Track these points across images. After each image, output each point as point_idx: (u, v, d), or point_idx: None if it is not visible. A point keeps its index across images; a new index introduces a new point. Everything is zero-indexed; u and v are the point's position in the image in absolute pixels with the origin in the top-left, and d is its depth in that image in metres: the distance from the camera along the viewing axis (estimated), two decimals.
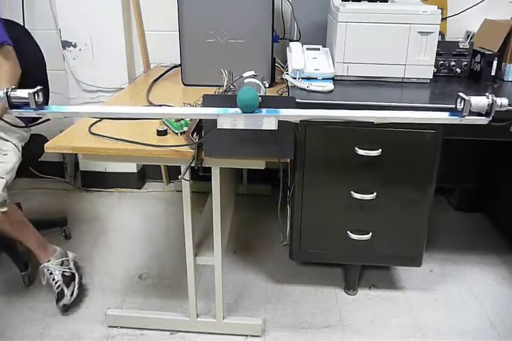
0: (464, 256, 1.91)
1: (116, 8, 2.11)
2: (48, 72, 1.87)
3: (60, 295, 1.57)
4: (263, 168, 1.22)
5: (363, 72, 1.53)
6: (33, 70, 1.67)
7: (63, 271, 1.62)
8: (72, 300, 1.58)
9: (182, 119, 1.29)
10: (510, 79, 1.58)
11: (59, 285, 1.58)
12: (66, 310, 1.57)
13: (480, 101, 0.93)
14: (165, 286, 1.72)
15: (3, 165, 1.51)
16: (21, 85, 0.97)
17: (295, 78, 1.46)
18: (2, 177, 1.47)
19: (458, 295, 1.69)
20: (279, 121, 1.01)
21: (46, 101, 1.54)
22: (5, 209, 1.46)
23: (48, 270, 1.60)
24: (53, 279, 1.59)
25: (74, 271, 1.64)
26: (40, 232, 1.67)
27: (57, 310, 1.58)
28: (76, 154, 2.41)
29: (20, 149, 1.62)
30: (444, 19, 1.89)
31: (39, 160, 1.79)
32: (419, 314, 1.60)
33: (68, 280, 1.61)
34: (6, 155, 1.54)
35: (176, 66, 2.07)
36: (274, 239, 1.99)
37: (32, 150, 1.68)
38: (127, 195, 2.44)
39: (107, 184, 2.46)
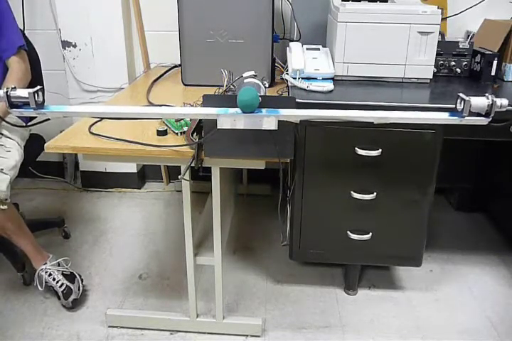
0: (464, 256, 1.91)
1: (116, 8, 2.11)
2: (47, 72, 1.87)
3: (68, 291, 1.57)
4: (263, 168, 1.22)
5: (363, 72, 1.53)
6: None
7: (63, 271, 1.62)
8: (80, 294, 1.60)
9: (182, 119, 1.29)
10: (510, 79, 1.59)
11: (62, 283, 1.58)
12: (76, 305, 1.58)
13: (480, 102, 0.93)
14: (165, 286, 1.72)
15: (6, 161, 1.50)
16: None
17: (295, 78, 1.46)
18: (5, 173, 1.46)
19: (458, 295, 1.69)
20: (279, 121, 1.01)
21: None
22: (5, 207, 1.46)
23: (47, 272, 1.59)
24: (54, 279, 1.58)
25: (72, 271, 1.64)
26: (39, 232, 1.67)
27: (62, 308, 1.59)
28: (76, 154, 2.41)
29: (22, 148, 1.62)
30: (444, 19, 1.89)
31: (39, 160, 1.79)
32: (419, 314, 1.60)
33: (71, 278, 1.61)
34: (9, 151, 1.53)
35: (176, 66, 2.08)
36: (274, 239, 1.99)
37: (30, 150, 1.68)
38: (127, 195, 2.44)
39: (107, 184, 2.46)
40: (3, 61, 1.61)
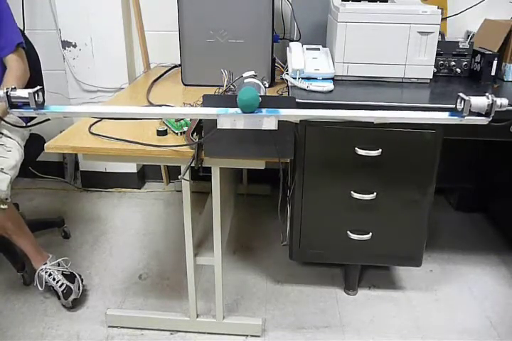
0: (464, 256, 1.91)
1: (116, 8, 2.11)
2: (47, 72, 1.87)
3: (68, 291, 1.57)
4: (263, 168, 1.22)
5: (363, 72, 1.53)
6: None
7: (63, 271, 1.62)
8: (80, 294, 1.60)
9: (182, 119, 1.29)
10: (510, 79, 1.59)
11: (63, 283, 1.58)
12: (76, 305, 1.58)
13: (480, 102, 0.93)
14: (165, 286, 1.72)
15: (6, 161, 1.49)
16: None
17: (295, 78, 1.46)
18: (6, 173, 1.45)
19: (458, 295, 1.69)
20: (279, 121, 1.01)
21: None
22: (5, 206, 1.45)
23: (47, 272, 1.59)
24: (54, 279, 1.58)
25: (72, 271, 1.65)
26: (39, 232, 1.67)
27: (63, 308, 1.59)
28: (76, 154, 2.41)
29: (23, 147, 1.62)
30: (444, 19, 1.89)
31: (39, 160, 1.79)
32: (419, 314, 1.60)
33: (71, 278, 1.62)
34: (9, 151, 1.53)
35: (175, 66, 2.08)
36: (274, 239, 1.99)
37: (30, 150, 1.67)
38: (127, 195, 2.44)
39: (107, 184, 2.46)
40: (1, 60, 1.60)
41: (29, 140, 1.71)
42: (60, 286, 1.58)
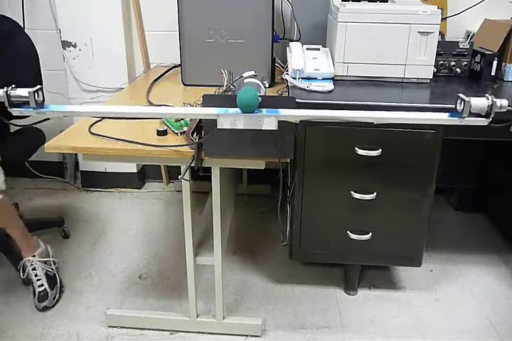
0: (463, 256, 1.91)
1: (116, 8, 2.11)
2: (47, 72, 1.86)
3: (43, 296, 1.57)
4: (263, 168, 1.22)
5: (363, 72, 1.53)
6: (26, 68, 1.66)
7: (47, 270, 1.63)
8: (53, 303, 1.59)
9: (182, 119, 1.29)
10: (510, 79, 1.59)
11: (42, 285, 1.58)
12: (45, 310, 1.58)
13: (480, 103, 0.93)
14: (165, 286, 1.72)
15: None
16: (15, 83, 0.96)
17: (295, 78, 1.46)
18: None
19: (458, 295, 1.69)
20: (279, 121, 1.01)
21: None
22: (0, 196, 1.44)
23: (32, 265, 1.60)
24: (36, 275, 1.59)
25: (56, 273, 1.65)
26: (39, 232, 1.66)
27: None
28: (76, 154, 2.41)
29: None
30: (444, 19, 1.89)
31: (39, 160, 1.78)
32: (419, 314, 1.60)
33: (52, 282, 1.62)
34: None
35: (175, 66, 2.08)
36: (274, 239, 1.99)
37: (29, 142, 1.64)
38: (127, 195, 2.44)
39: (107, 184, 2.46)
40: None
41: (27, 133, 1.68)
42: (39, 286, 1.58)
